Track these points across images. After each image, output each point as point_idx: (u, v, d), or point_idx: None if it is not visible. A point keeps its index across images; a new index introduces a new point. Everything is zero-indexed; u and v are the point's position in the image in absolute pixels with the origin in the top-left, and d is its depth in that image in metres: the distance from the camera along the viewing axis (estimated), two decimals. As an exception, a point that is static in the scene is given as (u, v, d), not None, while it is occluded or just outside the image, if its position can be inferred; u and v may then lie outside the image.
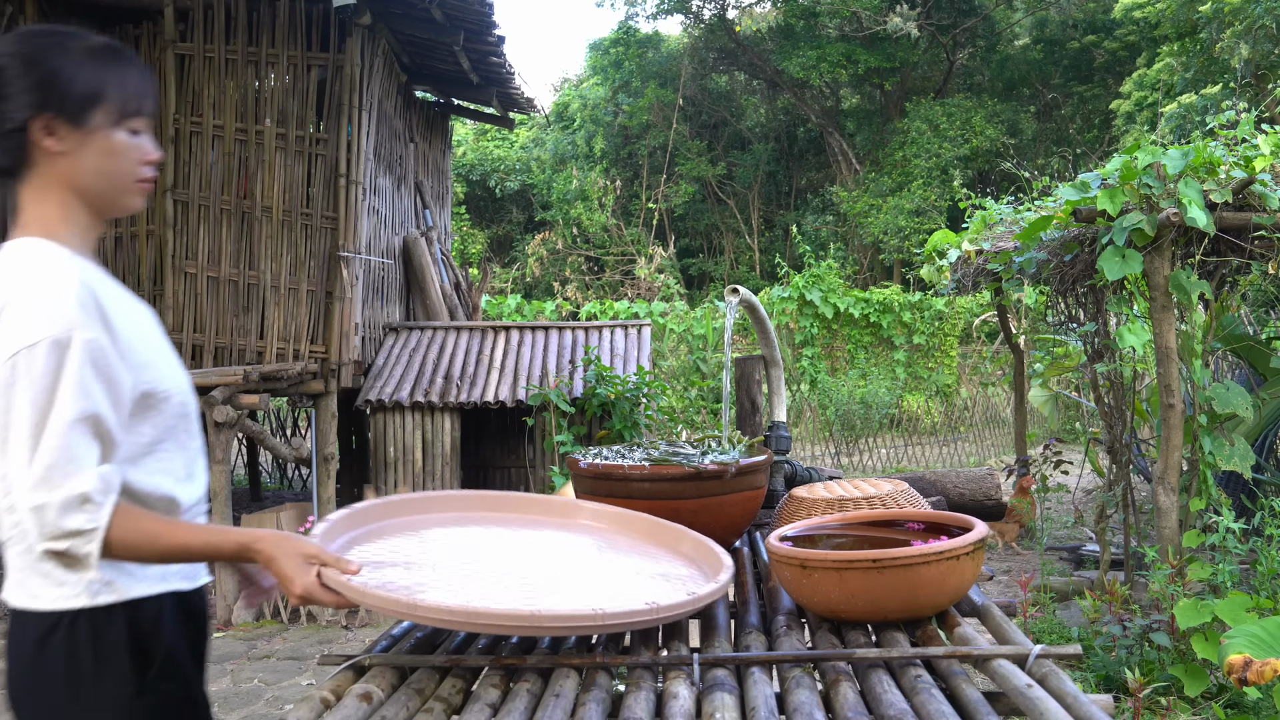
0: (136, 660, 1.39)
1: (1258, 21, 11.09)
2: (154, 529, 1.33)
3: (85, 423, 1.30)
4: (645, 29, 23.47)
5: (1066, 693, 1.11)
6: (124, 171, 1.46)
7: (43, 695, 1.38)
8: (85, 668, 1.37)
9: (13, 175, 1.42)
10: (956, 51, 21.43)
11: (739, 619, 1.51)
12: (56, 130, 1.40)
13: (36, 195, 1.42)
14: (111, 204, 1.47)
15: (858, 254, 20.43)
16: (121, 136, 1.45)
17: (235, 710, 4.22)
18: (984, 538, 1.41)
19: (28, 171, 1.42)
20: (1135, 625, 3.80)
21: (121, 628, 1.39)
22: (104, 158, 1.43)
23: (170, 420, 1.47)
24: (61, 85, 1.40)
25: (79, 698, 1.37)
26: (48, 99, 1.39)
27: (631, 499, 1.74)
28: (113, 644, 1.38)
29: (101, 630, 1.38)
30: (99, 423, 1.32)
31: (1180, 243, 4.15)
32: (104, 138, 1.43)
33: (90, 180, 1.43)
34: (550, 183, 21.32)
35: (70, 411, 1.28)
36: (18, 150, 1.41)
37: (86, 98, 1.41)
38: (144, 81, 1.49)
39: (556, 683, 1.22)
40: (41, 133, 1.40)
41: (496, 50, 7.54)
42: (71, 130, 1.41)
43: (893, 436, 12.95)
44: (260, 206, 6.78)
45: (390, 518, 1.65)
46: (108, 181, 1.44)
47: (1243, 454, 4.19)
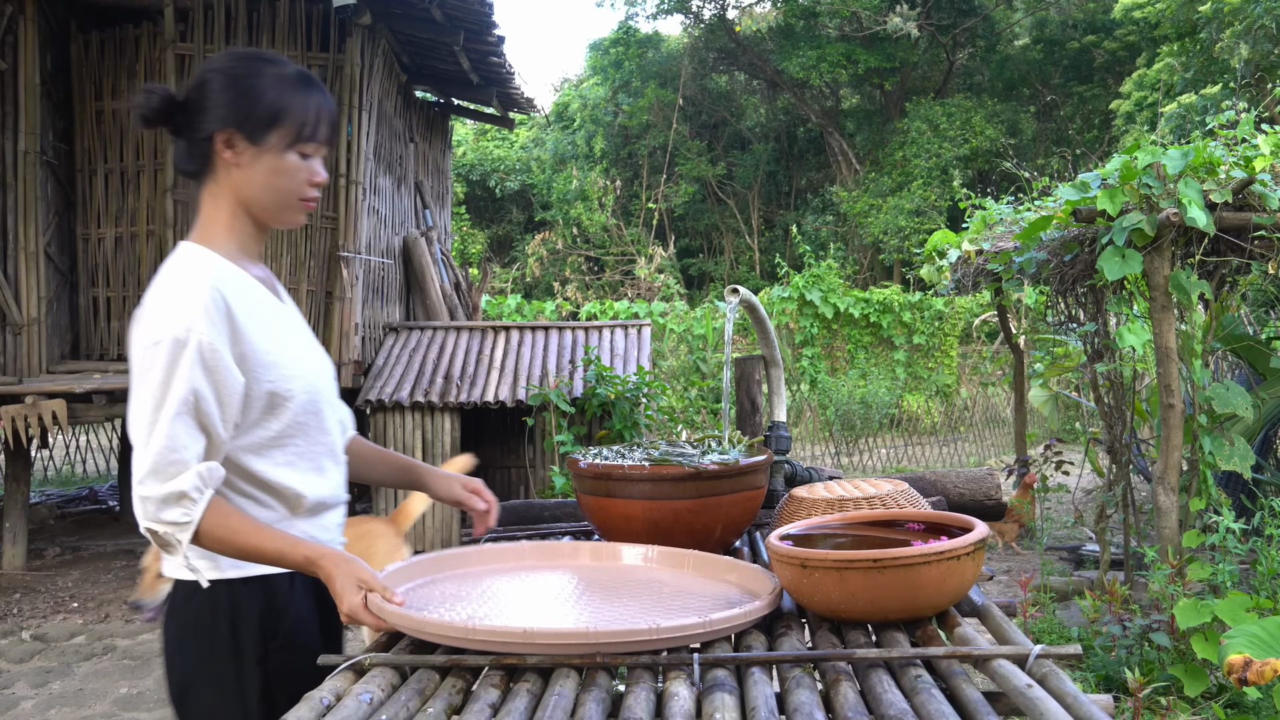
0: (264, 630, 1.56)
1: (1257, 21, 11.09)
2: (238, 527, 1.46)
3: (190, 417, 1.44)
4: (645, 29, 23.48)
5: (1066, 693, 1.11)
6: (289, 190, 1.59)
7: (183, 650, 1.58)
8: (219, 630, 1.55)
9: (197, 178, 1.60)
10: (956, 51, 21.43)
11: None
12: (235, 144, 1.55)
13: (212, 199, 1.59)
14: (274, 217, 1.61)
15: (858, 254, 20.43)
16: (292, 158, 1.57)
17: (235, 710, 4.22)
18: (984, 538, 1.41)
19: (209, 177, 1.58)
20: (1135, 625, 3.80)
21: (254, 600, 1.56)
22: (272, 175, 1.57)
23: (299, 417, 1.58)
24: (249, 105, 1.54)
25: (211, 657, 1.55)
26: (234, 115, 1.54)
27: (631, 499, 1.74)
28: (244, 613, 1.55)
29: (236, 599, 1.55)
30: (203, 418, 1.45)
31: (1180, 243, 4.15)
32: (275, 157, 1.56)
33: (257, 193, 1.57)
34: (550, 183, 21.31)
35: (176, 407, 1.43)
36: (203, 157, 1.57)
37: (267, 119, 1.55)
38: (324, 111, 1.61)
39: (556, 682, 1.22)
40: (222, 144, 1.55)
41: (496, 50, 7.54)
42: (248, 146, 1.55)
43: (893, 436, 12.94)
44: (260, 206, 6.78)
45: (444, 571, 1.66)
46: (273, 196, 1.58)
47: (1243, 454, 4.19)
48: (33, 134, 6.59)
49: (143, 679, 4.64)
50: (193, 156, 1.58)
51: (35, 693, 4.49)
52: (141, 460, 1.42)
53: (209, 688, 1.56)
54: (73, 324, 7.06)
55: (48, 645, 5.17)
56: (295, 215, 1.62)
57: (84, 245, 7.05)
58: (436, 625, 1.27)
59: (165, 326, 1.45)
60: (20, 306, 6.55)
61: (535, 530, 2.17)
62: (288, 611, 1.59)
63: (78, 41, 6.99)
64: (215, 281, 1.50)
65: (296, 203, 1.60)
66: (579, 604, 1.51)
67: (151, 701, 4.35)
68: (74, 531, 8.01)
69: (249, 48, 1.62)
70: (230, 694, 1.55)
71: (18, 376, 6.42)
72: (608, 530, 1.82)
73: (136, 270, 7.01)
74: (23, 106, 6.54)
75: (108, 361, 6.89)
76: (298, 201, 1.60)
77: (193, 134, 1.56)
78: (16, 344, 6.55)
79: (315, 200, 1.63)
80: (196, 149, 1.57)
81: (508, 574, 1.66)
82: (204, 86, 1.55)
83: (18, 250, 6.58)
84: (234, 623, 1.56)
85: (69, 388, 5.84)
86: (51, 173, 6.85)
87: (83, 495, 9.71)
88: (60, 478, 11.34)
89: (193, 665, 1.58)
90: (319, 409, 1.63)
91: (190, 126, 1.56)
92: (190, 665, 1.58)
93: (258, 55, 1.60)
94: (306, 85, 1.59)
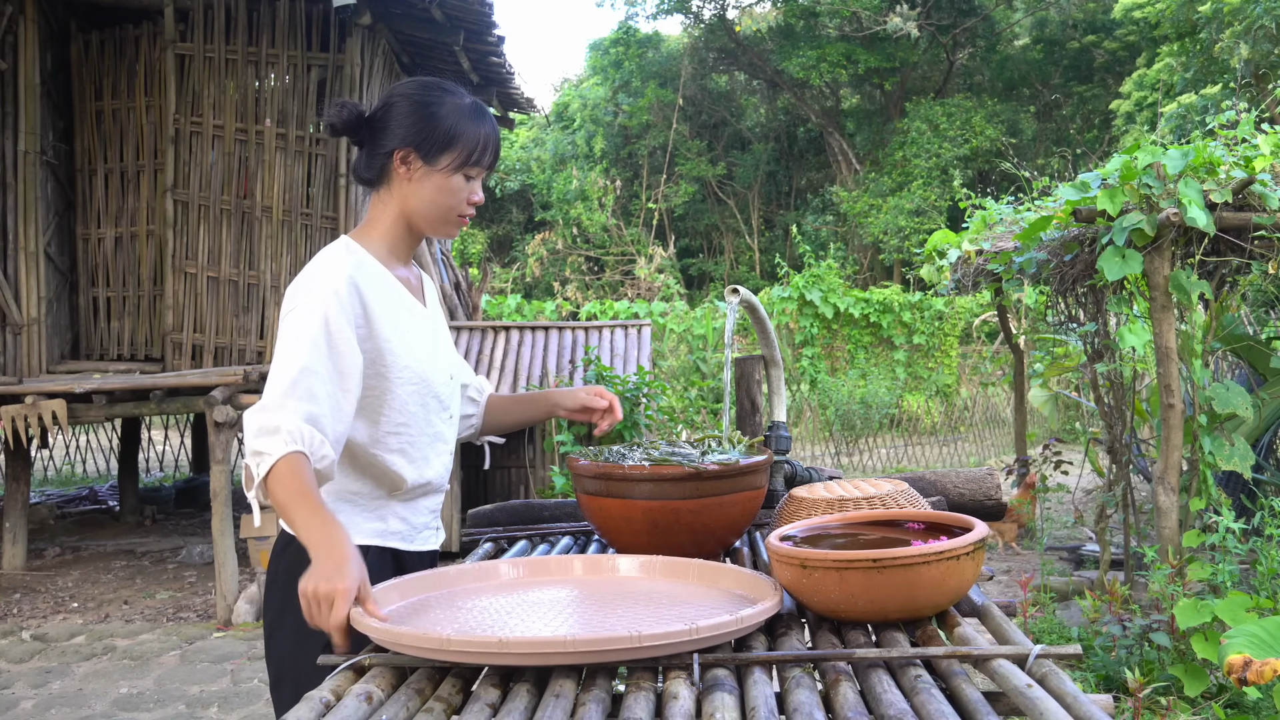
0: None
1: (1257, 21, 11.09)
2: (293, 488, 1.53)
3: (305, 376, 1.58)
4: (645, 29, 23.49)
5: (1066, 693, 1.11)
6: (451, 206, 1.76)
7: (276, 593, 1.77)
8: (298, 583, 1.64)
9: (372, 186, 1.78)
10: (956, 51, 21.43)
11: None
12: (411, 162, 1.73)
13: (380, 205, 1.78)
14: (433, 229, 1.78)
15: (858, 254, 20.43)
16: (458, 179, 1.74)
17: (235, 710, 4.22)
18: (984, 538, 1.41)
19: (382, 186, 1.77)
20: (1135, 625, 3.80)
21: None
22: (439, 192, 1.74)
23: (412, 406, 1.74)
24: (428, 128, 1.71)
25: (288, 607, 1.66)
26: (414, 136, 1.72)
27: (631, 499, 1.74)
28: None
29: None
30: (315, 381, 1.59)
31: (1180, 243, 4.14)
32: (445, 177, 1.73)
33: (422, 206, 1.75)
34: (550, 183, 21.31)
35: (298, 363, 1.58)
36: (381, 169, 1.76)
37: (443, 142, 1.72)
38: (491, 139, 1.77)
39: (556, 682, 1.22)
40: (399, 160, 1.73)
41: (496, 50, 7.54)
42: (422, 164, 1.73)
43: (893, 436, 12.94)
44: (260, 206, 6.77)
45: (437, 589, 1.63)
46: (436, 211, 1.75)
47: (1243, 454, 4.19)
48: (33, 134, 6.59)
49: (142, 679, 4.64)
50: (371, 166, 1.76)
51: (35, 693, 4.49)
52: (263, 395, 1.59)
53: (287, 636, 1.73)
54: (73, 324, 7.06)
55: (48, 645, 5.17)
56: (451, 229, 1.79)
57: (84, 245, 7.05)
58: (412, 637, 1.26)
59: (303, 298, 1.63)
60: (20, 306, 6.55)
61: (535, 530, 2.17)
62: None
63: (78, 41, 7.00)
64: (353, 271, 1.68)
65: (455, 218, 1.77)
66: (572, 615, 1.49)
67: (151, 701, 4.35)
68: (74, 531, 8.01)
69: (432, 78, 1.81)
70: (303, 644, 1.66)
71: (18, 376, 6.42)
72: (608, 530, 1.82)
73: (136, 270, 7.01)
74: (23, 106, 6.54)
75: (108, 361, 6.90)
76: (456, 217, 1.77)
77: (375, 147, 1.75)
78: (16, 344, 6.55)
79: (470, 218, 1.80)
80: (375, 161, 1.75)
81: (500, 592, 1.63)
82: (391, 108, 1.74)
83: (18, 250, 6.58)
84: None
85: (69, 388, 5.84)
86: (51, 173, 6.85)
87: (83, 495, 9.71)
88: (60, 478, 11.35)
89: (275, 614, 1.77)
90: (432, 400, 1.79)
91: (373, 140, 1.75)
92: (274, 613, 1.78)
93: (440, 85, 1.77)
94: (479, 116, 1.76)
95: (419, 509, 1.84)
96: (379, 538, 1.77)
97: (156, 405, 5.98)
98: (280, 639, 1.78)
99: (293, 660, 1.74)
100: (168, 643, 5.15)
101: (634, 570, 1.67)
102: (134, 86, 6.99)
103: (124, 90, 7.00)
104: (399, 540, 1.80)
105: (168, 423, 12.63)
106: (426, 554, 1.88)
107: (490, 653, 1.22)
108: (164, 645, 5.11)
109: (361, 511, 1.76)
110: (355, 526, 1.73)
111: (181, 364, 6.69)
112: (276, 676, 1.81)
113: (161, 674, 4.70)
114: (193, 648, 5.07)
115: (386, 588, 1.52)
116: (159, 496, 9.09)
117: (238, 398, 5.71)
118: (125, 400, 6.08)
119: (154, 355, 6.91)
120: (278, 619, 1.78)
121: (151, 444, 11.70)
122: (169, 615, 5.67)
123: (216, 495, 5.57)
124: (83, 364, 6.81)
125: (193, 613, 5.72)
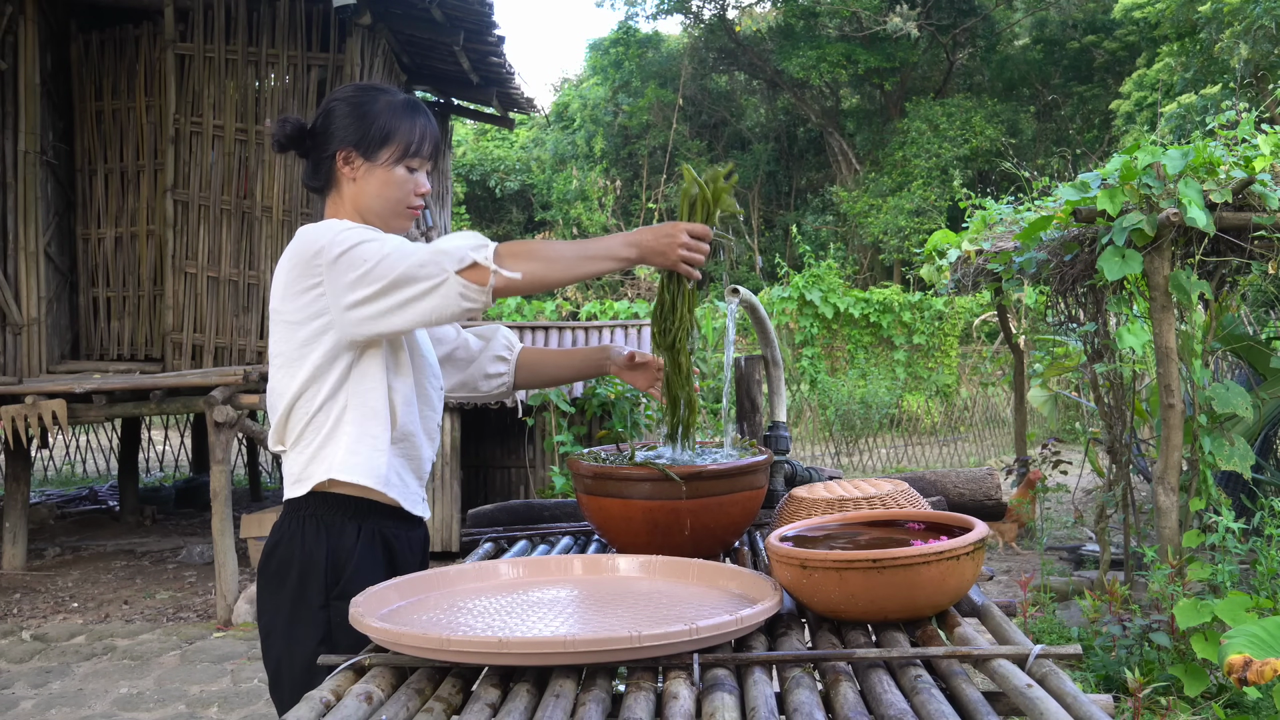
0: (327, 578, 1.73)
1: (1257, 21, 11.09)
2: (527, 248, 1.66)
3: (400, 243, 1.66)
4: (645, 29, 23.47)
5: (1066, 693, 1.11)
6: (398, 199, 1.83)
7: (267, 594, 1.80)
8: (290, 579, 1.75)
9: (321, 193, 1.87)
10: (956, 51, 21.43)
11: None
12: (353, 161, 1.81)
13: (333, 209, 1.85)
14: (385, 224, 1.82)
15: (858, 254, 20.42)
16: (400, 172, 1.82)
17: (235, 710, 4.22)
18: (984, 538, 1.41)
19: (331, 190, 1.85)
20: (1135, 625, 3.80)
21: (321, 549, 1.74)
22: (384, 186, 1.81)
23: (414, 359, 1.85)
24: (365, 127, 1.80)
25: (285, 604, 1.76)
26: (353, 136, 1.80)
27: (631, 499, 1.74)
28: (314, 562, 1.74)
29: (309, 549, 1.74)
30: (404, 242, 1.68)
31: (1180, 243, 4.14)
32: (386, 171, 1.81)
33: (371, 202, 1.82)
34: (550, 183, 21.32)
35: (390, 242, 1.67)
36: (327, 174, 1.84)
37: (380, 139, 1.80)
38: (428, 131, 1.86)
39: (556, 682, 1.22)
40: (342, 161, 1.81)
41: (496, 50, 7.54)
42: (364, 162, 1.81)
43: (893, 436, 12.94)
44: (260, 206, 6.77)
45: (437, 589, 1.62)
46: (384, 205, 1.83)
47: (1242, 454, 4.19)
48: (33, 134, 6.59)
49: (142, 679, 4.64)
50: (318, 174, 1.85)
51: (35, 693, 4.49)
52: (413, 255, 1.62)
53: (280, 636, 1.77)
54: (73, 324, 7.06)
55: (48, 645, 5.17)
56: (403, 221, 1.85)
57: (84, 245, 7.05)
58: (412, 637, 1.26)
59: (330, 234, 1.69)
60: (20, 306, 6.55)
61: (535, 530, 2.17)
62: (349, 562, 1.74)
63: (78, 41, 6.99)
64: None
65: (404, 210, 1.85)
66: (571, 615, 1.49)
67: (151, 701, 4.35)
68: (74, 531, 8.01)
69: (366, 82, 1.98)
70: (295, 643, 1.73)
71: (18, 376, 6.42)
72: (607, 530, 1.82)
73: (136, 270, 7.01)
74: (23, 106, 6.54)
75: (108, 361, 6.89)
76: (405, 209, 1.85)
77: (319, 154, 1.83)
78: (16, 344, 6.55)
79: (420, 209, 1.87)
80: (321, 167, 1.84)
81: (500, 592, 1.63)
82: (329, 114, 1.83)
83: (18, 250, 6.58)
84: (303, 572, 1.74)
85: (69, 388, 5.84)
86: (51, 173, 6.85)
87: (83, 495, 9.71)
88: (60, 478, 11.35)
89: (268, 614, 1.80)
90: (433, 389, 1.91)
91: (316, 148, 1.83)
92: (267, 614, 1.80)
93: (374, 86, 1.87)
94: (413, 110, 1.84)
95: (409, 469, 1.86)
96: (385, 485, 1.78)
97: (156, 405, 5.98)
98: (274, 640, 1.80)
99: (288, 658, 1.76)
100: (168, 643, 5.15)
101: (634, 570, 1.67)
102: (134, 86, 6.99)
103: (124, 90, 7.00)
104: (398, 493, 1.82)
105: (168, 423, 12.63)
106: (418, 535, 1.91)
107: (490, 653, 1.22)
108: (164, 645, 5.11)
109: (379, 454, 1.77)
110: (373, 466, 1.75)
111: (181, 364, 6.69)
112: (274, 677, 1.82)
113: (161, 674, 4.70)
114: (193, 648, 5.07)
115: (386, 588, 1.52)
116: (159, 496, 9.09)
117: (238, 398, 5.71)
118: (125, 400, 6.08)
119: (154, 355, 6.91)
120: (271, 619, 1.80)
121: (151, 444, 11.70)
122: (169, 615, 5.67)
123: (216, 495, 5.57)
124: (83, 364, 6.81)
125: (193, 613, 5.72)
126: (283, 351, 1.78)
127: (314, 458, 1.76)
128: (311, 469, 1.76)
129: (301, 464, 1.78)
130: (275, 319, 1.79)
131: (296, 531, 1.77)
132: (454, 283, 1.60)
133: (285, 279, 1.75)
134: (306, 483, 1.77)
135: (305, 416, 1.77)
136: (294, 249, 1.74)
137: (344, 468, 1.74)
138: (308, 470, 1.77)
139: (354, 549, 1.76)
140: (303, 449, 1.78)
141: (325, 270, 1.68)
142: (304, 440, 1.78)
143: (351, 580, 1.71)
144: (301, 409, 1.77)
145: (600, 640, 1.21)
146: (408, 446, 1.83)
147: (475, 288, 1.60)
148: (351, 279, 1.65)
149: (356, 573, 1.73)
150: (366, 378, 1.76)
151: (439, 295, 1.61)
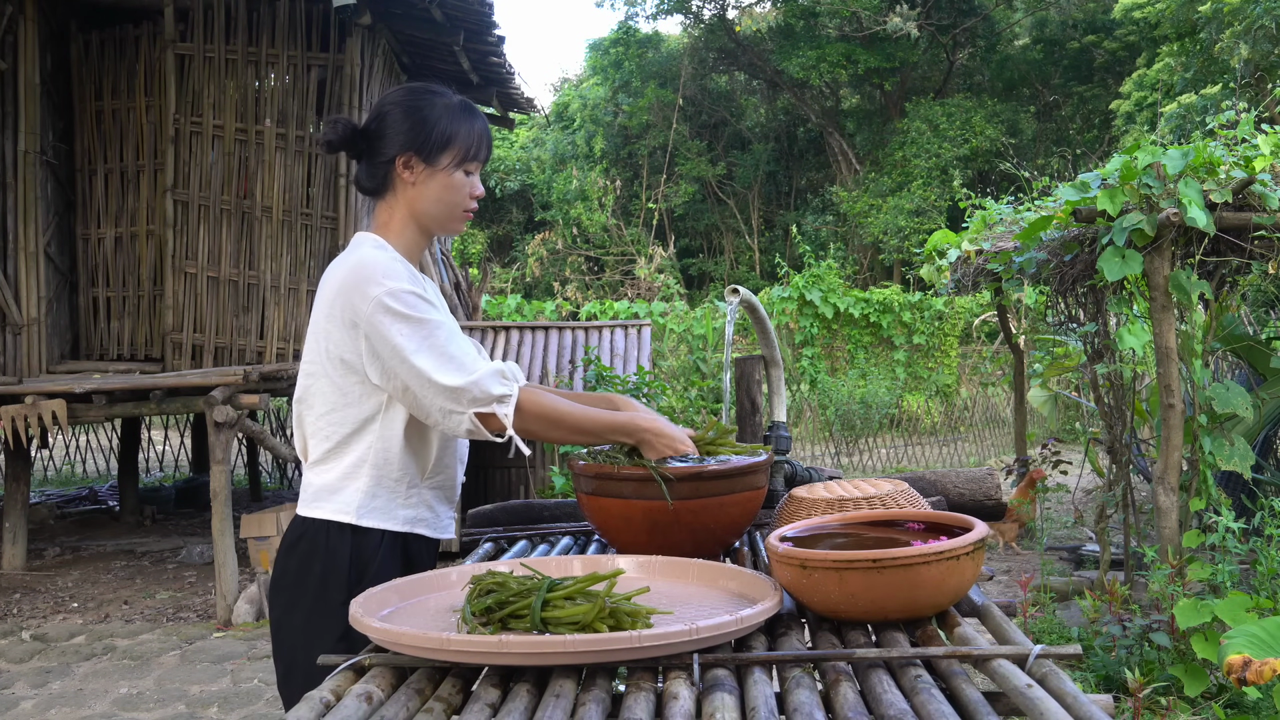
0: (350, 577, 1.74)
1: (1257, 21, 11.09)
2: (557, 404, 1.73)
3: (453, 336, 1.71)
4: (645, 29, 23.47)
5: (1066, 693, 1.11)
6: (456, 203, 1.83)
7: (284, 588, 1.80)
8: (312, 574, 1.77)
9: (376, 195, 1.84)
10: (956, 51, 21.44)
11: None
12: (413, 165, 1.79)
13: (387, 212, 1.83)
14: (441, 227, 1.85)
15: (858, 254, 20.43)
16: (459, 176, 1.81)
17: (235, 710, 4.22)
18: (984, 538, 1.41)
19: (387, 193, 1.83)
20: (1135, 625, 3.80)
21: (344, 548, 1.75)
22: (443, 190, 1.81)
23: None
24: (425, 131, 1.78)
25: (302, 600, 1.76)
26: (413, 141, 1.78)
27: (631, 499, 1.74)
28: (337, 560, 1.75)
29: (333, 546, 1.75)
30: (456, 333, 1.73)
31: (1180, 243, 4.14)
32: (446, 175, 1.80)
33: (429, 206, 1.81)
34: (550, 183, 21.32)
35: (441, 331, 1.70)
36: (384, 177, 1.81)
37: (441, 143, 1.79)
38: (485, 134, 1.85)
39: (556, 682, 1.22)
40: (401, 165, 1.79)
41: (496, 50, 7.54)
42: (425, 167, 1.79)
43: (893, 436, 12.94)
44: (260, 206, 6.77)
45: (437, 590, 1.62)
46: (442, 209, 1.82)
47: (1243, 454, 4.19)
48: (33, 134, 6.59)
49: (142, 679, 4.64)
50: (373, 176, 1.82)
51: (35, 693, 4.49)
52: (444, 373, 1.65)
53: (295, 630, 1.78)
54: (73, 324, 7.06)
55: (48, 645, 5.17)
56: (458, 225, 1.86)
57: (84, 245, 7.05)
58: (412, 637, 1.26)
59: (382, 287, 1.69)
60: (20, 306, 6.55)
61: (535, 530, 2.17)
62: (373, 562, 1.76)
63: (78, 41, 6.99)
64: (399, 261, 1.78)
65: (460, 214, 1.85)
66: None
67: (151, 701, 4.35)
68: (74, 531, 8.01)
69: (419, 83, 1.91)
70: (311, 637, 1.73)
71: (18, 376, 6.42)
72: (608, 530, 1.82)
73: (136, 270, 7.01)
74: (23, 106, 6.54)
75: (108, 361, 6.90)
76: (461, 213, 1.85)
77: (374, 157, 1.81)
78: (16, 344, 6.55)
79: (474, 211, 1.87)
80: (377, 170, 1.81)
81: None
82: (385, 117, 1.80)
83: (18, 250, 6.58)
84: (325, 569, 1.75)
85: (69, 388, 5.84)
86: (51, 173, 6.85)
87: (83, 495, 9.71)
88: (60, 478, 11.35)
89: (282, 609, 1.80)
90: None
91: (371, 151, 1.81)
92: (281, 609, 1.80)
93: (429, 88, 1.84)
94: (470, 113, 1.83)
95: (443, 498, 1.88)
96: (408, 525, 1.81)
97: (156, 405, 5.98)
98: (288, 634, 1.80)
99: (304, 653, 1.75)
100: (168, 643, 5.15)
101: (634, 570, 1.67)
102: (134, 86, 6.99)
103: (124, 90, 7.00)
104: (426, 527, 1.84)
105: (168, 423, 12.63)
106: (432, 540, 1.92)
107: (490, 653, 1.22)
108: (164, 645, 5.11)
109: (398, 499, 1.79)
110: (390, 513, 1.78)
111: (181, 364, 6.69)
112: (286, 672, 1.82)
113: (161, 674, 4.70)
114: (193, 648, 5.07)
115: (386, 588, 1.52)
116: (159, 496, 9.09)
117: (237, 398, 5.70)
118: (125, 400, 6.08)
119: (154, 355, 6.91)
120: (285, 614, 1.80)
121: (151, 444, 11.70)
122: (169, 615, 5.67)
123: (216, 495, 5.57)
124: (83, 364, 6.81)
125: (193, 613, 5.72)
126: (313, 359, 1.79)
127: (336, 490, 1.77)
128: (333, 502, 1.78)
129: (324, 491, 1.79)
130: (314, 329, 1.79)
131: (321, 529, 1.77)
132: (466, 420, 1.68)
133: (330, 298, 1.76)
134: (326, 510, 1.78)
135: (328, 441, 1.78)
136: (346, 278, 1.73)
137: (363, 511, 1.77)
138: (330, 500, 1.78)
139: (378, 549, 1.78)
140: (322, 472, 1.79)
141: (367, 318, 1.70)
142: (327, 465, 1.79)
143: (374, 580, 1.71)
144: (325, 432, 1.78)
145: (600, 640, 1.21)
146: (443, 479, 1.86)
147: (483, 428, 1.69)
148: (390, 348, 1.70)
149: (380, 572, 1.74)
150: (395, 421, 1.77)
151: (450, 421, 1.69)
